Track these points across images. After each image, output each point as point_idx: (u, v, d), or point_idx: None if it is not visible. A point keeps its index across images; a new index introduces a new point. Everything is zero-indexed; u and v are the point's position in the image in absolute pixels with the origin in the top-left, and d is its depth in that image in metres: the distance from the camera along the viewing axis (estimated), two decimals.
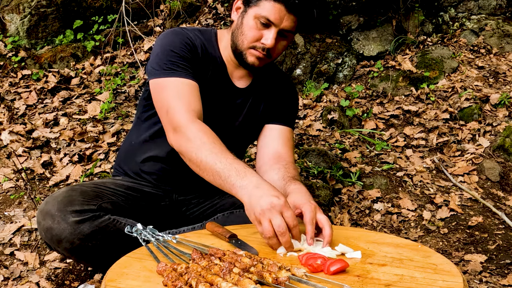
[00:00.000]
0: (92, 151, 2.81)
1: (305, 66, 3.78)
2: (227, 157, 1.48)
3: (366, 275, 1.21)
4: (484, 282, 2.15)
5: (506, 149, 3.08)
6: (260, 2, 1.66)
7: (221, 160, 1.47)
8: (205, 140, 1.54)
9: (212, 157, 1.49)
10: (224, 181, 1.44)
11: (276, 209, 1.32)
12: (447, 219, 2.61)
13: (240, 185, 1.40)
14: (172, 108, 1.63)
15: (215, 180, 1.47)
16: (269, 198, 1.33)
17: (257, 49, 1.70)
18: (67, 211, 1.60)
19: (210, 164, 1.48)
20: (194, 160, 1.52)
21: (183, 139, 1.58)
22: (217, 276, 1.12)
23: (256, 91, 1.89)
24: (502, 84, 3.75)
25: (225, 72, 1.82)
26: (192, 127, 1.58)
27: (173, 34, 1.75)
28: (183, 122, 1.59)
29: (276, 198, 1.33)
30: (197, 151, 1.52)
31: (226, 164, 1.46)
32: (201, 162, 1.50)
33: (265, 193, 1.35)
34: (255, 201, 1.35)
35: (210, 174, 1.48)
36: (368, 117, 3.45)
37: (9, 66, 3.50)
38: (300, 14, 1.68)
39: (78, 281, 2.01)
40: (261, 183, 1.39)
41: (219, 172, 1.45)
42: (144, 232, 1.43)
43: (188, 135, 1.57)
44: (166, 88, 1.68)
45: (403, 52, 4.08)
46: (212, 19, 3.91)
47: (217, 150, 1.50)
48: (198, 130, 1.57)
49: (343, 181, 2.78)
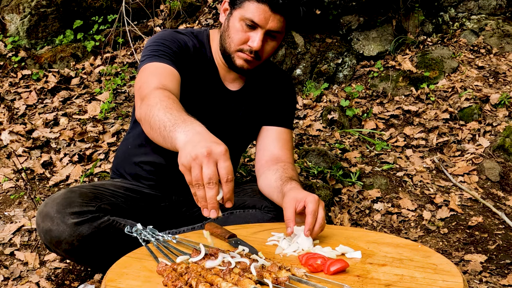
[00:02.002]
0: (92, 151, 2.81)
1: (305, 66, 3.78)
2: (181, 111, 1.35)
3: (366, 275, 1.21)
4: (484, 282, 2.15)
5: (506, 149, 3.08)
6: (244, 4, 1.62)
7: (172, 112, 1.33)
8: (162, 98, 1.41)
9: (163, 111, 1.35)
10: (168, 131, 1.28)
11: (212, 157, 1.15)
12: (447, 219, 2.61)
13: (182, 131, 1.25)
14: (144, 84, 1.56)
15: (161, 133, 1.31)
16: (207, 143, 1.16)
17: (245, 52, 1.67)
18: (66, 213, 1.60)
19: (160, 117, 1.33)
20: (148, 117, 1.38)
21: (144, 103, 1.45)
22: (217, 276, 1.12)
23: (250, 94, 1.86)
24: (502, 84, 3.75)
25: (217, 75, 1.80)
26: (155, 92, 1.47)
27: (167, 32, 1.75)
28: (148, 91, 1.49)
29: (215, 145, 1.16)
30: (151, 109, 1.38)
31: (175, 115, 1.32)
32: (152, 117, 1.36)
33: (205, 138, 1.19)
34: (191, 146, 1.17)
35: (157, 128, 1.33)
36: (368, 117, 3.45)
37: (9, 66, 3.50)
38: (286, 13, 1.63)
39: (78, 281, 2.01)
40: (205, 131, 1.24)
41: (165, 123, 1.30)
42: (144, 232, 1.43)
43: (149, 98, 1.45)
44: (145, 70, 1.63)
45: (403, 52, 4.08)
46: (212, 19, 3.91)
47: (172, 107, 1.36)
48: (161, 92, 1.46)
49: (343, 181, 2.78)
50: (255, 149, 1.93)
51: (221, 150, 1.16)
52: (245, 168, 2.74)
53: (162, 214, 1.90)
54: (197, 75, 1.76)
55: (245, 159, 2.87)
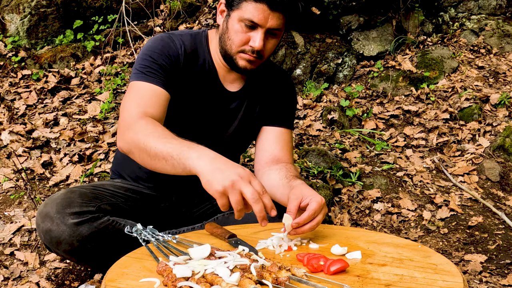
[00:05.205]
0: (92, 151, 2.81)
1: (305, 66, 3.78)
2: (177, 139, 1.41)
3: (366, 275, 1.21)
4: (484, 282, 2.15)
5: (506, 149, 3.08)
6: (242, 5, 1.61)
7: (171, 141, 1.40)
8: (152, 129, 1.46)
9: (160, 142, 1.41)
10: (177, 159, 1.35)
11: (245, 179, 1.26)
12: (447, 219, 2.61)
13: (196, 155, 1.32)
14: (125, 110, 1.58)
15: (168, 162, 1.38)
16: (236, 169, 1.28)
17: (247, 52, 1.65)
18: (66, 213, 1.60)
19: (160, 148, 1.39)
20: (144, 150, 1.44)
21: (129, 136, 1.49)
22: (217, 276, 1.12)
23: (250, 94, 1.85)
24: (502, 84, 3.75)
25: (216, 77, 1.78)
26: (139, 122, 1.50)
27: (158, 40, 1.72)
28: (132, 121, 1.52)
29: (241, 169, 1.28)
30: (145, 141, 1.43)
31: (176, 144, 1.39)
32: (151, 150, 1.42)
33: (228, 165, 1.29)
34: (220, 173, 1.27)
35: (161, 159, 1.39)
36: (368, 117, 3.45)
37: (9, 66, 3.50)
38: (285, 10, 1.62)
39: (78, 281, 2.01)
40: (217, 155, 1.33)
41: (170, 152, 1.37)
42: (144, 232, 1.43)
43: (135, 130, 1.49)
44: (130, 91, 1.64)
45: (403, 52, 4.08)
46: (212, 19, 3.91)
47: (166, 136, 1.43)
48: (145, 123, 1.50)
49: (343, 181, 2.78)
50: (255, 149, 1.93)
51: (247, 171, 1.29)
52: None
53: (162, 215, 1.90)
54: (194, 80, 1.75)
55: (245, 159, 2.87)
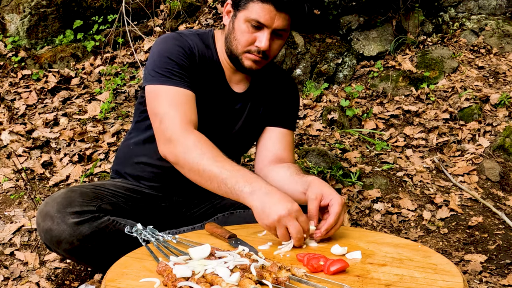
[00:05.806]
0: (92, 151, 2.81)
1: (305, 66, 3.78)
2: (232, 165, 1.49)
3: (366, 275, 1.21)
4: (484, 282, 2.15)
5: (506, 149, 3.08)
6: (249, 5, 1.62)
7: (226, 167, 1.48)
8: (204, 149, 1.53)
9: (215, 166, 1.49)
10: (231, 189, 1.44)
11: (292, 215, 1.35)
12: (447, 219, 2.61)
13: (249, 191, 1.41)
14: (166, 118, 1.61)
15: (220, 188, 1.47)
16: (284, 204, 1.36)
17: (253, 53, 1.67)
18: (67, 212, 1.60)
19: (214, 172, 1.48)
20: (196, 170, 1.52)
21: (180, 149, 1.56)
22: (217, 276, 1.12)
23: (255, 95, 1.86)
24: (502, 84, 3.75)
25: (223, 77, 1.79)
26: (188, 137, 1.57)
27: (171, 40, 1.71)
28: (178, 132, 1.58)
29: (290, 204, 1.36)
30: (198, 161, 1.51)
31: (231, 171, 1.46)
32: (204, 171, 1.50)
33: (279, 199, 1.37)
34: (270, 208, 1.36)
35: (214, 182, 1.48)
36: (368, 117, 3.45)
37: (9, 66, 3.50)
38: (291, 11, 1.63)
39: (78, 281, 2.01)
40: (271, 189, 1.41)
41: (224, 179, 1.45)
42: (144, 232, 1.43)
43: (186, 145, 1.55)
44: (160, 96, 1.64)
45: (403, 52, 4.08)
46: (212, 19, 3.91)
47: (220, 159, 1.51)
48: (196, 140, 1.56)
49: (343, 181, 2.78)
50: (256, 149, 1.93)
51: (296, 207, 1.37)
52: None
53: (162, 215, 1.90)
54: (204, 79, 1.75)
55: (245, 159, 2.87)
